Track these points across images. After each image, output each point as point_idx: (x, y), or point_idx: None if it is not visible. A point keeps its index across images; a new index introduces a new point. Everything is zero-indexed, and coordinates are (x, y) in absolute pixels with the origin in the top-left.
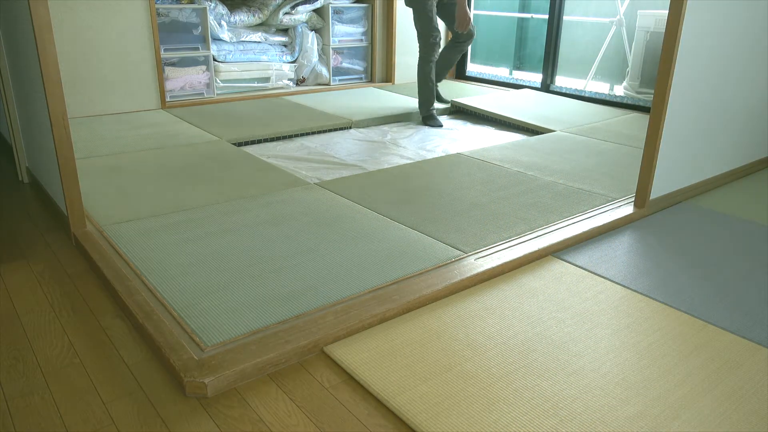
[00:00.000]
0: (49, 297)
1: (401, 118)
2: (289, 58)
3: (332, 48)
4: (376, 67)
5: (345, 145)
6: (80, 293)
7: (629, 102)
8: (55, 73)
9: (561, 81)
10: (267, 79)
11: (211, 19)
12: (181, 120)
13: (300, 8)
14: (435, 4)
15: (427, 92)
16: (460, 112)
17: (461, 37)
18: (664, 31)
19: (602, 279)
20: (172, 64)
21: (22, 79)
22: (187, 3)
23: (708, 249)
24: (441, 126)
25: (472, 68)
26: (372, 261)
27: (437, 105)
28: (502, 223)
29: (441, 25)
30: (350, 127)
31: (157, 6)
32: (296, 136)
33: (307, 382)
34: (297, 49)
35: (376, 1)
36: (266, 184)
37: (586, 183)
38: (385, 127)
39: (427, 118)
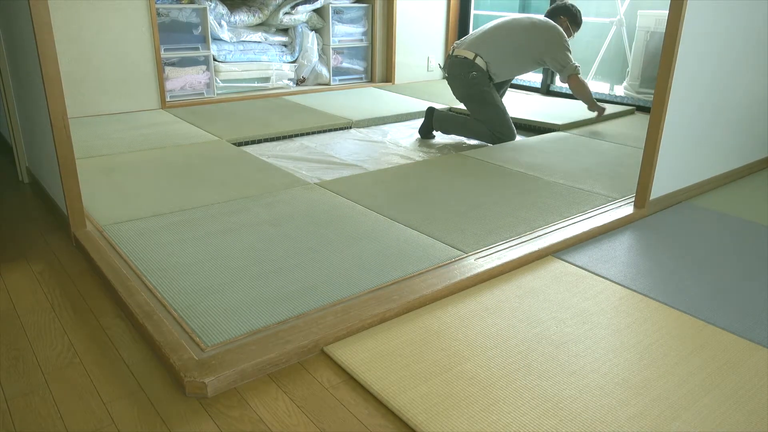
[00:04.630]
0: (49, 297)
1: (401, 118)
2: (289, 58)
3: (332, 48)
4: (377, 67)
5: (345, 145)
6: (80, 293)
7: (629, 102)
8: (55, 72)
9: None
10: (267, 79)
11: (211, 19)
12: (181, 120)
13: (300, 8)
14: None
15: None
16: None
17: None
18: (664, 31)
19: (602, 279)
20: (172, 64)
21: (22, 78)
22: (187, 3)
23: (708, 249)
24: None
25: None
26: (372, 261)
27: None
28: (502, 223)
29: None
30: (350, 127)
31: (157, 6)
32: (296, 136)
33: (307, 382)
34: (297, 49)
35: (376, 1)
36: (266, 184)
37: (586, 183)
38: (385, 127)
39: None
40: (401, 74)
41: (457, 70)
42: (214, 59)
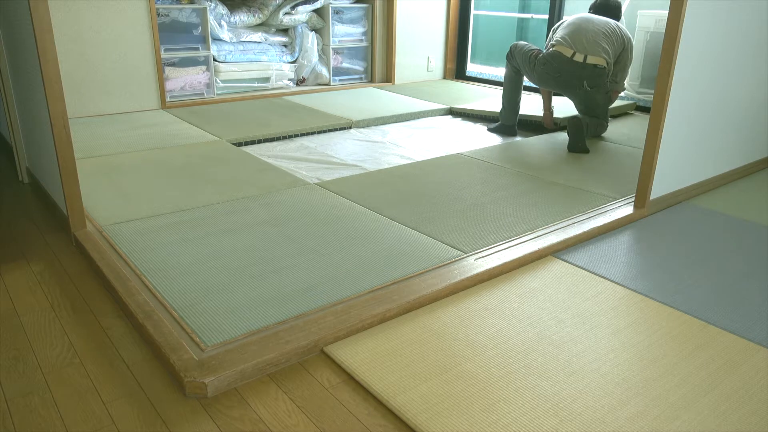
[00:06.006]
0: (49, 297)
1: (401, 118)
2: (289, 58)
3: (332, 48)
4: (376, 67)
5: (345, 145)
6: (80, 293)
7: (629, 102)
8: (55, 73)
9: None
10: (267, 79)
11: (211, 19)
12: (181, 120)
13: (300, 8)
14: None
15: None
16: (461, 113)
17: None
18: (664, 31)
19: (602, 279)
20: (172, 64)
21: (22, 79)
22: (187, 3)
23: (708, 249)
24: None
25: (472, 68)
26: (372, 261)
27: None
28: (502, 223)
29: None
30: (350, 127)
31: (157, 6)
32: (296, 136)
33: (307, 382)
34: (297, 49)
35: (376, 1)
36: (266, 184)
37: (586, 183)
38: (385, 127)
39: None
40: (401, 74)
41: (597, 81)
42: (214, 59)
